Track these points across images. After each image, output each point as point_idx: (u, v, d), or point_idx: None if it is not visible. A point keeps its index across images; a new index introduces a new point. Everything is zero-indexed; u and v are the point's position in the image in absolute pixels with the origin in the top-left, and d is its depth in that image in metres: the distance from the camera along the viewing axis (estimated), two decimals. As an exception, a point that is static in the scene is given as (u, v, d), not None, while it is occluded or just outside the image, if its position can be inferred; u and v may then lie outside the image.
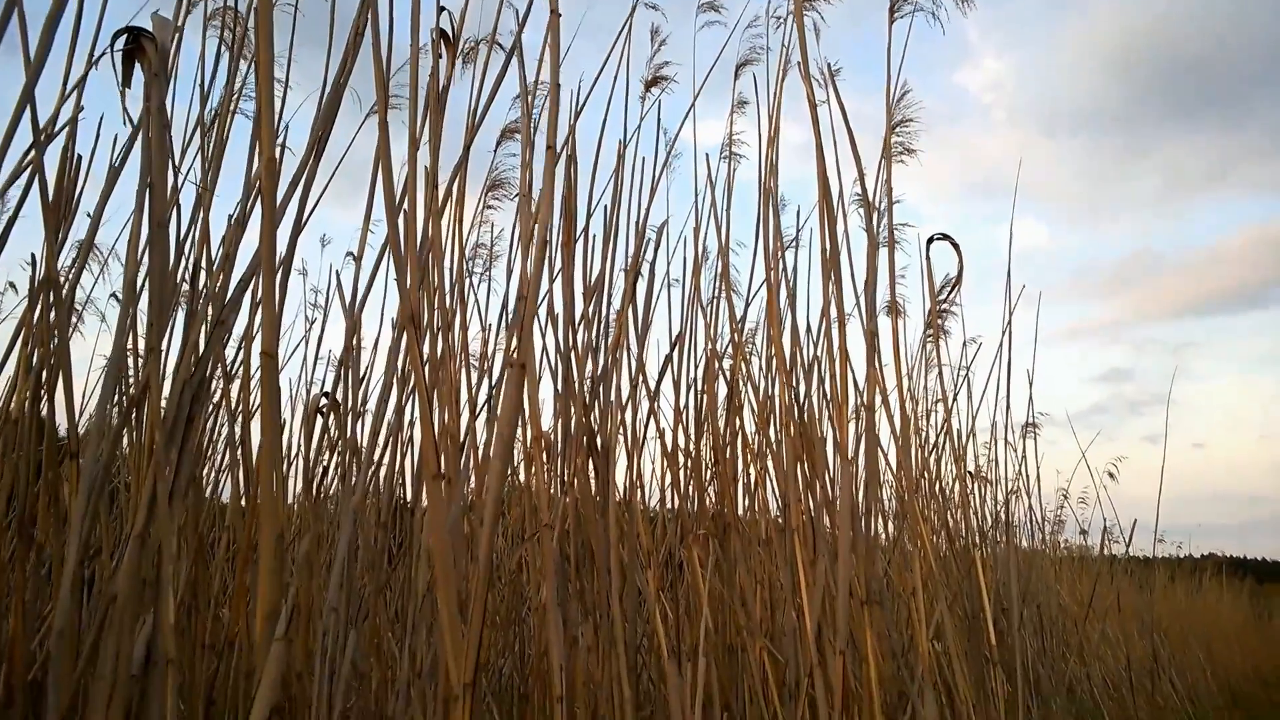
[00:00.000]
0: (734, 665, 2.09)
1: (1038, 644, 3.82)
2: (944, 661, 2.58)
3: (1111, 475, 6.07)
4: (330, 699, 1.22)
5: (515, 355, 0.96)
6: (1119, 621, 6.26)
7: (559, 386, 1.60)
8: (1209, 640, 8.96)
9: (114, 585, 0.99)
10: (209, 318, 1.21)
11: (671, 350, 2.13)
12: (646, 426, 2.01)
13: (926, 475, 3.08)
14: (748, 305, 2.54)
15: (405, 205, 1.25)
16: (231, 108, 1.62)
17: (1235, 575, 12.22)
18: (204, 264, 1.30)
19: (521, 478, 2.24)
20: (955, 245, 2.28)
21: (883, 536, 3.00)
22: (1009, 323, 2.82)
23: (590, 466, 1.63)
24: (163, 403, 1.04)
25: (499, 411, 0.99)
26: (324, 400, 2.13)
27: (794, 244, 2.62)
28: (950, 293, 2.56)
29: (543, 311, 1.97)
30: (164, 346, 1.10)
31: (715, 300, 2.47)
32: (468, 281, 2.35)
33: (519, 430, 1.63)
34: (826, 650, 1.44)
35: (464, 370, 1.98)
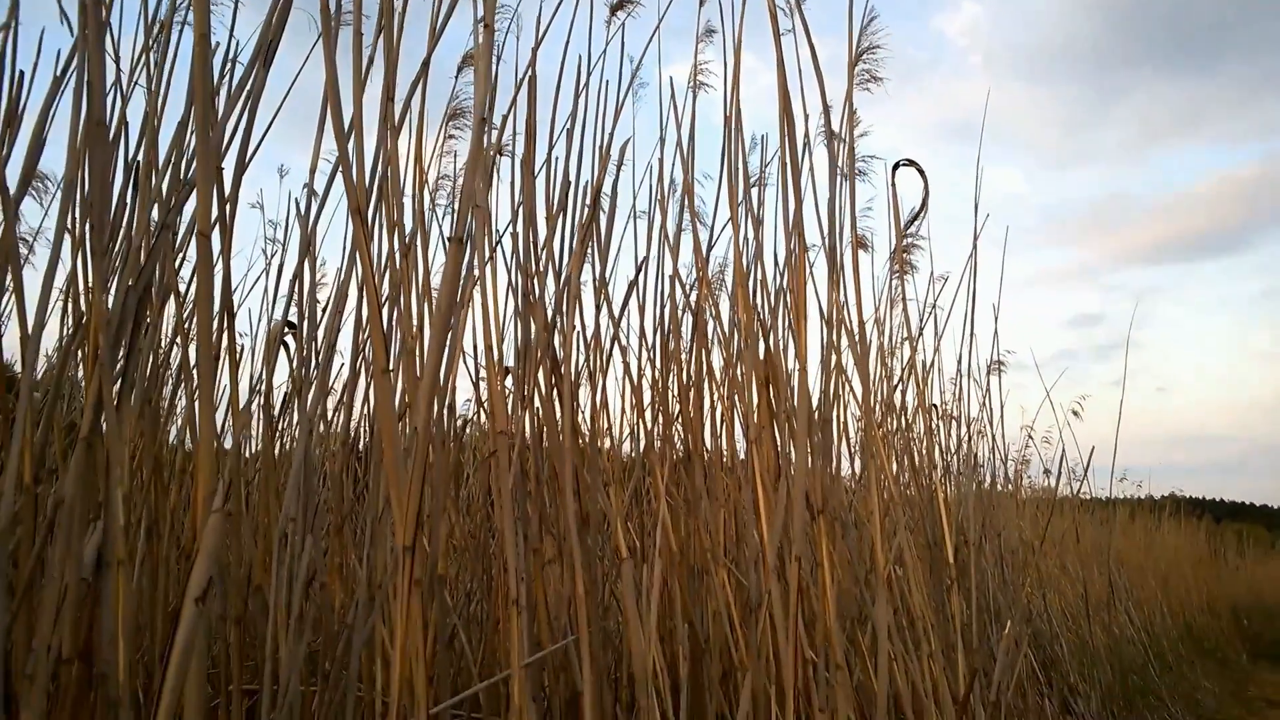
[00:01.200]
0: (698, 587, 2.11)
1: (998, 574, 3.90)
2: (904, 587, 2.63)
3: (1075, 414, 6.16)
4: (289, 605, 1.22)
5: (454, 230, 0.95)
6: (1078, 555, 6.39)
7: (519, 304, 1.58)
8: (1165, 575, 9.19)
9: (62, 489, 0.98)
10: (155, 222, 1.19)
11: (637, 275, 2.11)
12: (610, 351, 2.00)
13: (891, 410, 3.11)
14: (712, 235, 2.52)
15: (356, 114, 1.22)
16: (180, 18, 1.58)
17: (1193, 514, 12.53)
18: (150, 165, 1.26)
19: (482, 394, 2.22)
20: (921, 171, 2.27)
21: (846, 470, 3.04)
22: (974, 252, 2.83)
23: (553, 390, 1.62)
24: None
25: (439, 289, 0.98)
26: (286, 329, 2.11)
27: (759, 181, 2.61)
28: (916, 220, 2.56)
29: (508, 243, 1.95)
30: (106, 248, 1.08)
31: (680, 233, 2.45)
32: (429, 211, 2.32)
33: (479, 352, 1.62)
34: (785, 563, 1.46)
35: (426, 300, 1.96)
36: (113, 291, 1.04)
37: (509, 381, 1.77)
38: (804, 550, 1.43)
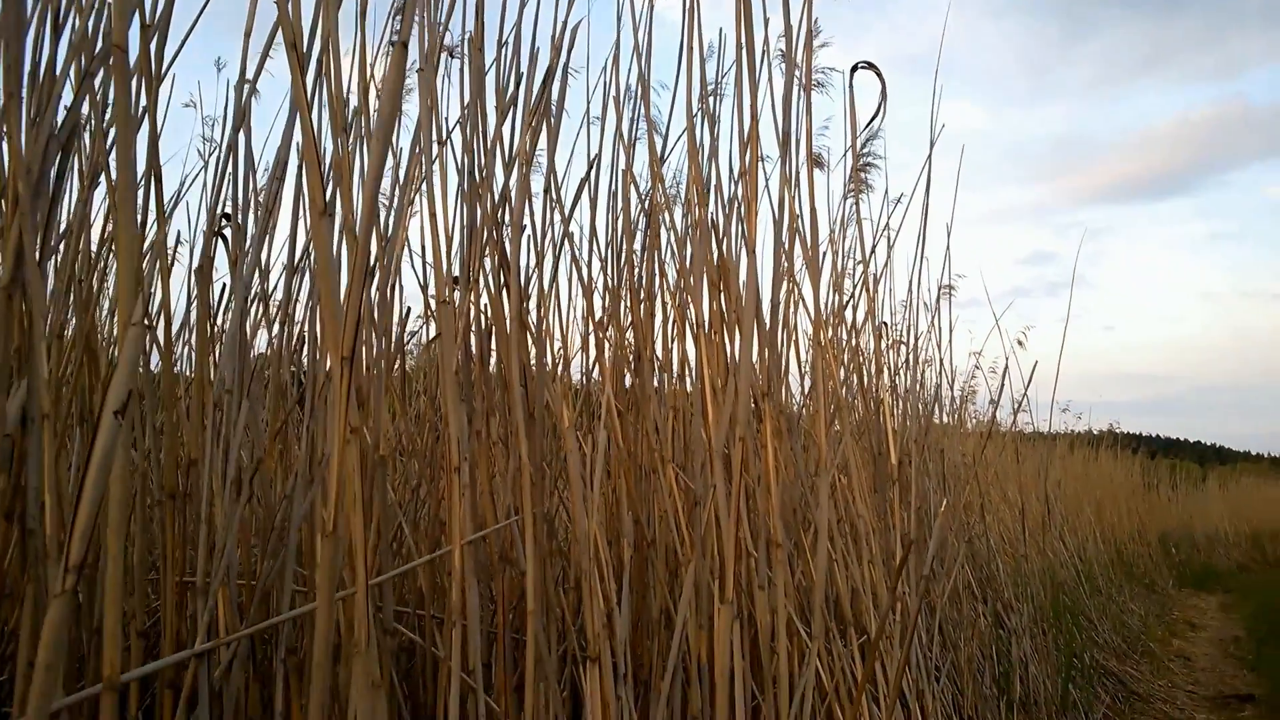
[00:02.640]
0: (646, 487, 2.13)
1: (940, 491, 3.98)
2: (849, 495, 2.68)
3: (1020, 344, 6.27)
4: (225, 476, 1.20)
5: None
6: (1018, 482, 6.55)
7: (464, 185, 1.54)
8: (1100, 504, 9.48)
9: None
10: (80, 68, 1.13)
11: (589, 172, 2.08)
12: (560, 245, 1.97)
13: (841, 323, 3.13)
14: (666, 140, 2.48)
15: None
16: None
17: (1129, 448, 12.91)
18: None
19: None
20: (879, 74, 2.25)
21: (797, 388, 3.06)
22: (929, 162, 2.83)
23: (501, 281, 1.59)
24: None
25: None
26: (223, 220, 2.04)
27: (716, 91, 2.56)
28: (873, 126, 2.54)
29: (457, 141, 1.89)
30: (23, 94, 1.02)
31: (635, 140, 2.41)
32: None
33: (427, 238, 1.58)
34: (731, 446, 1.46)
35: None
36: (33, 139, 0.99)
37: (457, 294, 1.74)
38: (748, 434, 1.44)
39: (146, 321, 0.87)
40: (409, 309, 1.78)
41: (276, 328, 1.51)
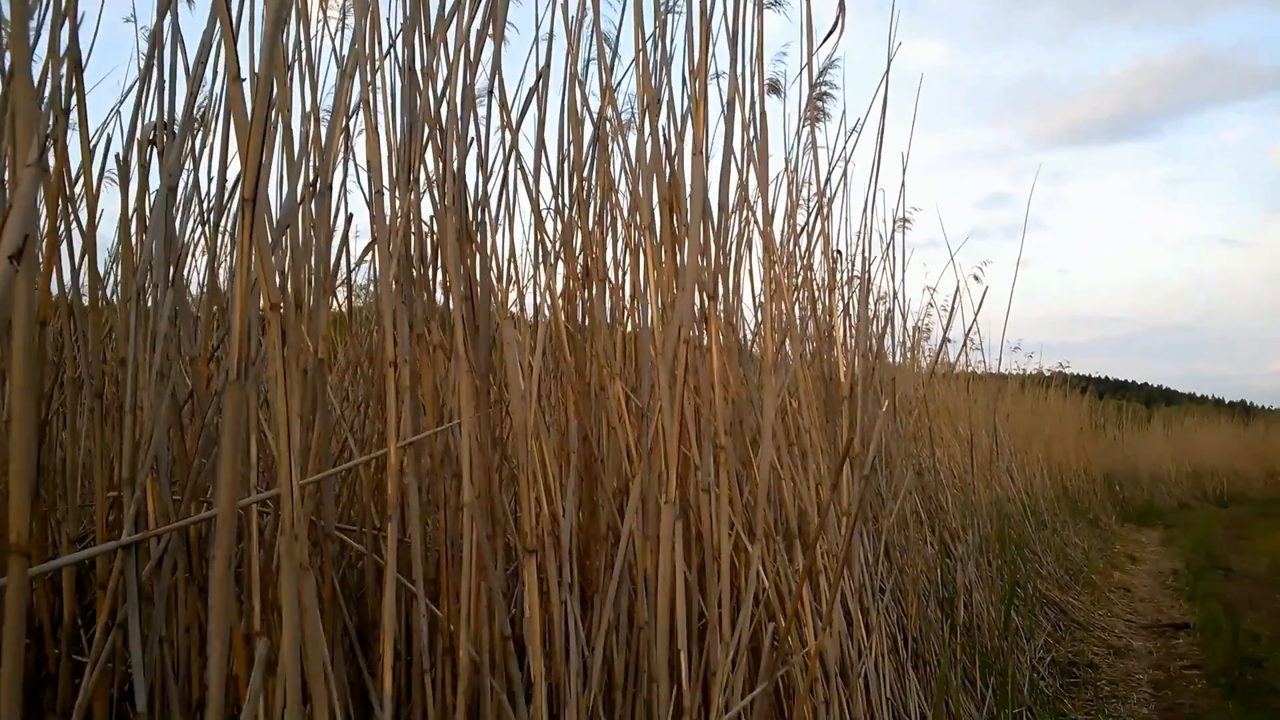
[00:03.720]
0: (594, 405, 2.12)
1: (892, 423, 4.03)
2: (799, 419, 2.69)
3: (976, 278, 6.31)
4: (150, 365, 1.16)
5: None
6: (969, 419, 6.65)
7: (405, 81, 1.49)
8: (1049, 441, 9.68)
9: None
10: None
11: (537, 82, 2.02)
12: (508, 159, 1.93)
13: (797, 250, 3.12)
14: (616, 48, 2.42)
15: None
16: None
17: (1079, 388, 13.18)
18: None
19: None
20: (834, -12, 2.21)
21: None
22: (886, 78, 2.80)
23: (442, 180, 1.55)
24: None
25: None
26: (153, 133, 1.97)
27: (669, 8, 2.50)
28: (832, 44, 2.50)
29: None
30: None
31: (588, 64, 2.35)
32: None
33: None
34: (677, 350, 1.45)
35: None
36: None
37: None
38: (693, 334, 1.42)
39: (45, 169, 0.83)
40: (351, 215, 1.74)
41: (208, 217, 1.46)
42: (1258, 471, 17.55)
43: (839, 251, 3.43)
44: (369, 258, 1.89)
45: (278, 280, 1.25)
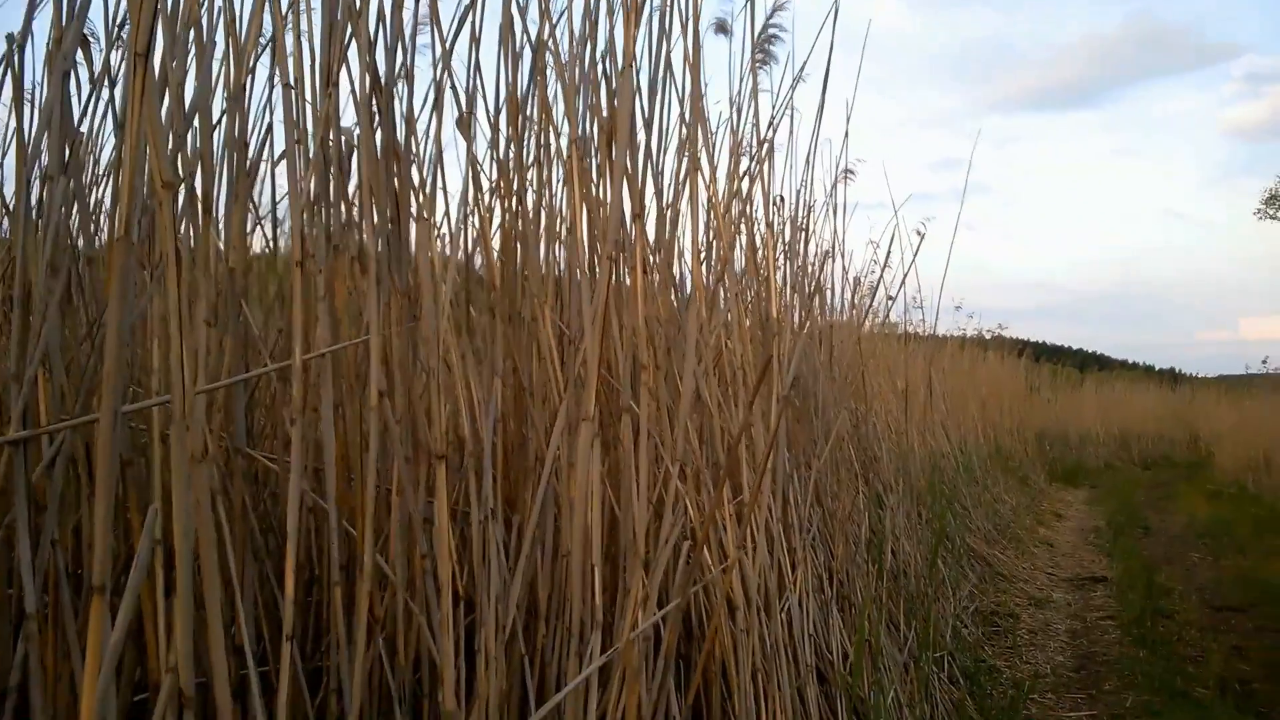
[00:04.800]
0: (523, 334, 2.09)
1: (828, 372, 4.06)
2: (733, 359, 2.70)
3: (919, 234, 6.35)
4: (42, 258, 1.11)
5: None
6: (906, 375, 6.74)
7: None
8: (985, 402, 9.87)
9: None
10: None
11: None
12: (439, 78, 1.87)
13: (738, 198, 3.09)
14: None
15: None
16: None
17: (1015, 351, 13.45)
18: None
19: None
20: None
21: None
22: (834, 11, 2.76)
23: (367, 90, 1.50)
24: None
25: None
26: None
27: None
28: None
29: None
30: None
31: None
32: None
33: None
34: (599, 266, 1.43)
35: None
36: None
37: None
38: (617, 252, 1.40)
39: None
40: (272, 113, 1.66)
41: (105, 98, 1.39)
42: (1181, 436, 18.14)
43: (782, 197, 3.42)
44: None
45: (181, 166, 1.20)
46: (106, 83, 1.48)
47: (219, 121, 1.44)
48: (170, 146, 1.37)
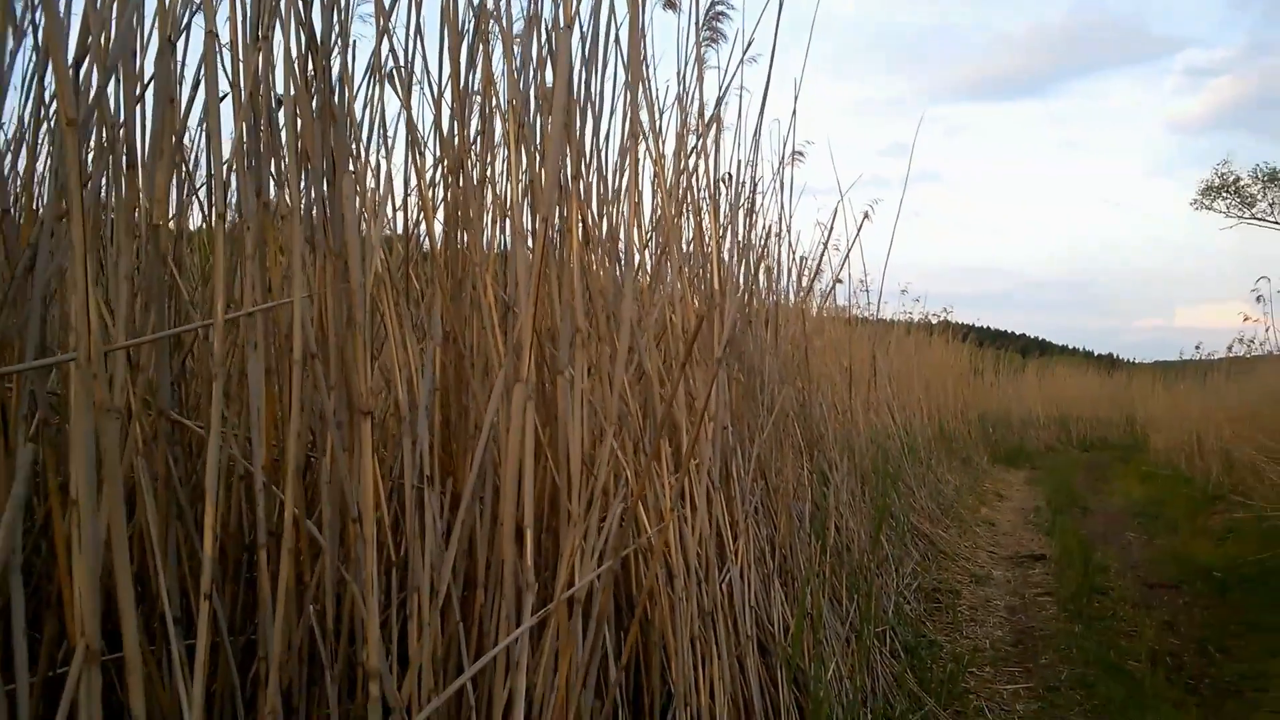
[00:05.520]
0: (464, 302, 2.06)
1: (774, 351, 4.07)
2: (675, 330, 2.69)
3: (867, 216, 6.39)
4: None
5: None
6: (850, 354, 6.80)
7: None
8: (930, 385, 10.00)
9: None
10: None
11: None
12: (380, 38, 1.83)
13: (685, 171, 3.08)
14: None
15: None
16: None
17: (960, 336, 13.66)
18: None
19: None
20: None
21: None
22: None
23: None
24: None
25: None
26: None
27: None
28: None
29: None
30: None
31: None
32: None
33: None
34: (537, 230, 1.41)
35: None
36: None
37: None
38: (552, 214, 1.38)
39: None
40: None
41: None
42: (1118, 419, 18.61)
43: (729, 174, 3.41)
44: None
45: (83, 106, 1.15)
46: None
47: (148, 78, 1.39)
48: (92, 97, 1.33)
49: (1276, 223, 21.13)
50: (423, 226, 2.23)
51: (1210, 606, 5.02)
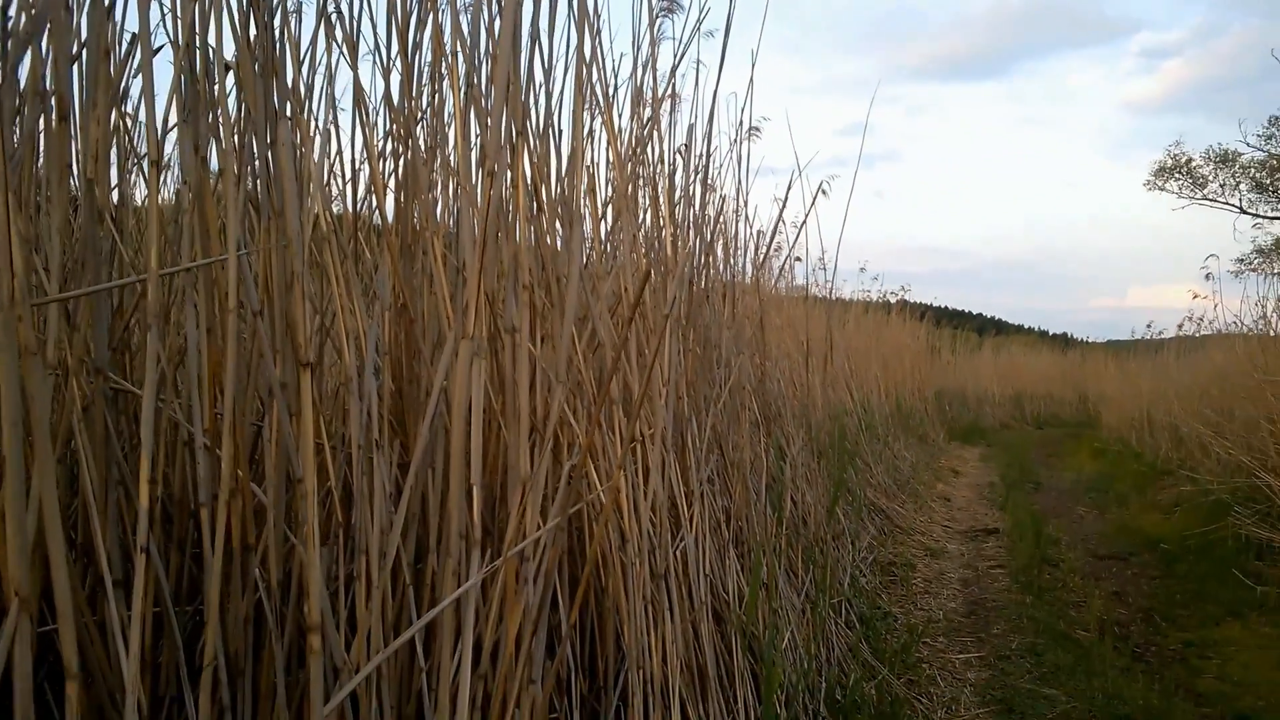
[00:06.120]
0: (416, 269, 2.04)
1: (733, 330, 4.08)
2: (628, 297, 2.68)
3: (824, 193, 6.41)
4: None
5: None
6: (809, 334, 6.84)
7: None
8: (887, 363, 10.09)
9: None
10: None
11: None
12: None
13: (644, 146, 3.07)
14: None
15: None
16: None
17: (918, 315, 13.80)
18: None
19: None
20: None
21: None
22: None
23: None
24: None
25: None
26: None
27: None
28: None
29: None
30: None
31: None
32: None
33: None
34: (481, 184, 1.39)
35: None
36: None
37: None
38: (500, 166, 1.37)
39: None
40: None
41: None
42: (1071, 397, 18.97)
43: (686, 146, 3.40)
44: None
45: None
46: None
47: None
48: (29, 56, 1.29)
49: (1227, 204, 21.57)
50: (373, 198, 2.21)
51: (1157, 577, 5.15)
